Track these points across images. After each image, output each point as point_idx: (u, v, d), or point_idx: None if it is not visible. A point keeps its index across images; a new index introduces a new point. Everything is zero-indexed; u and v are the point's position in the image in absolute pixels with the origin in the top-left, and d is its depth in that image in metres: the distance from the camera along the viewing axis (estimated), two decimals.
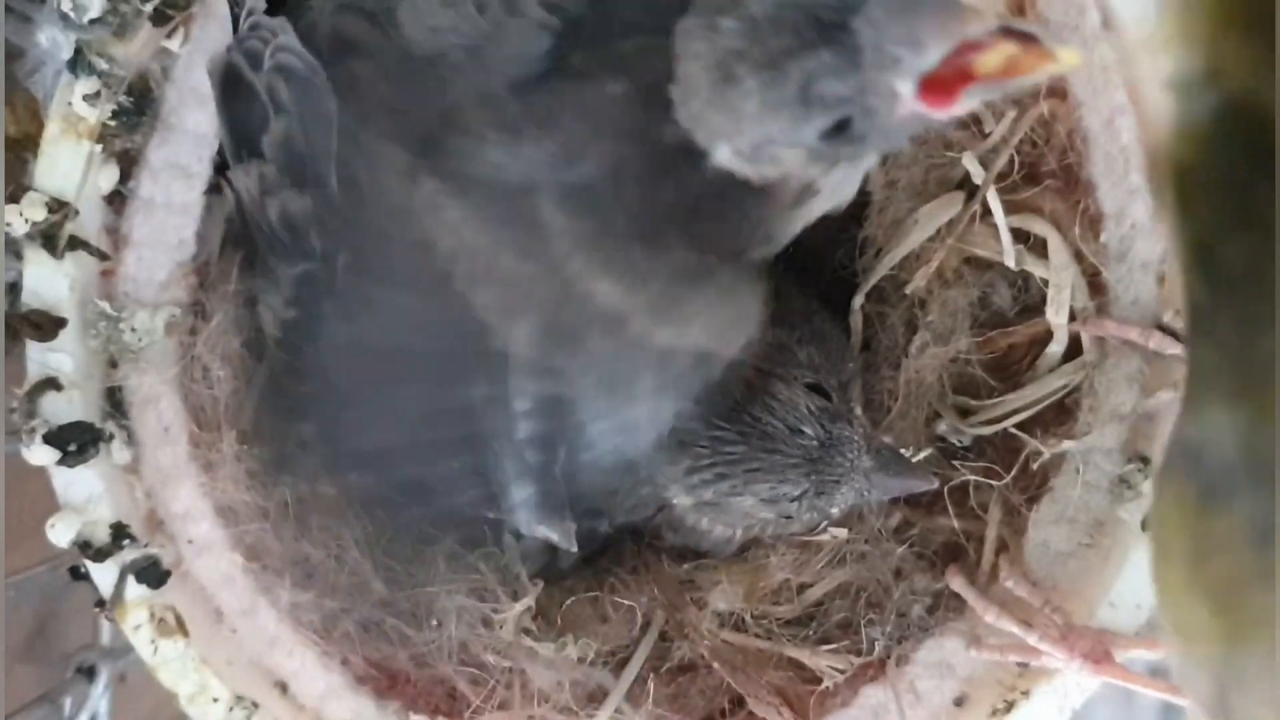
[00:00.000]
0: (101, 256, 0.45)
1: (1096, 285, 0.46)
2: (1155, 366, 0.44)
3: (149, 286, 0.46)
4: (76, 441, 0.44)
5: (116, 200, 0.46)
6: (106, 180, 0.45)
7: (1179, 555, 0.23)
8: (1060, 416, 0.47)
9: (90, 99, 0.43)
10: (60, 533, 0.45)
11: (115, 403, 0.46)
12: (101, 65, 0.43)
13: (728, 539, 0.51)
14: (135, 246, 0.46)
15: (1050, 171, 0.46)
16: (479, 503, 0.44)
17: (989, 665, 0.46)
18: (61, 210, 0.44)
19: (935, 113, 0.31)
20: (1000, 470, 0.47)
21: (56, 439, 0.44)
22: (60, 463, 0.44)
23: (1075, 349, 0.47)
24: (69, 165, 0.44)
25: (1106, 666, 0.42)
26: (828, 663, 0.48)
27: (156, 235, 0.45)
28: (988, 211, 0.47)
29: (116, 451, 0.46)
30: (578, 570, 0.53)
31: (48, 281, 0.44)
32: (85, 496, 0.45)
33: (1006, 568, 0.46)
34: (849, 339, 0.52)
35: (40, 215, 0.44)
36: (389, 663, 0.48)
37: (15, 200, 0.44)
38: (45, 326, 0.44)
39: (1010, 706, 0.45)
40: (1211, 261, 0.21)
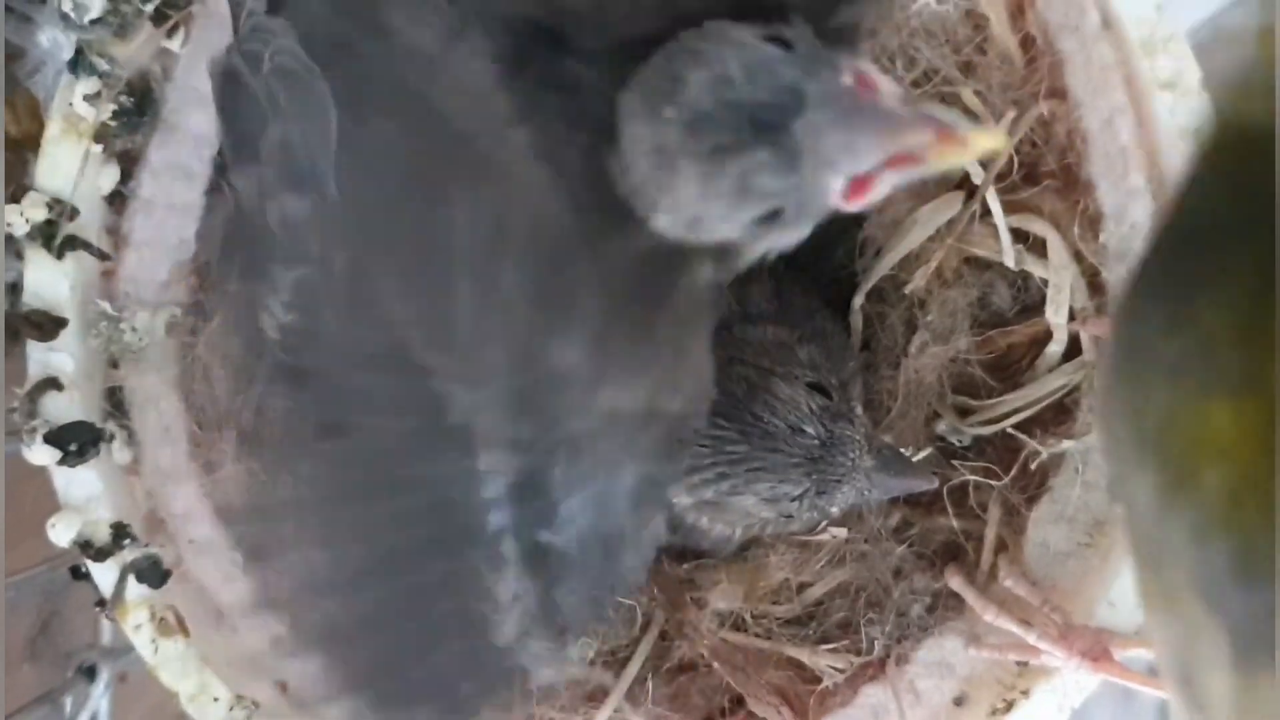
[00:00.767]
0: (102, 257, 0.45)
1: (1096, 285, 0.46)
2: None
3: (150, 287, 0.46)
4: (77, 441, 0.44)
5: (117, 200, 0.46)
6: (107, 180, 0.45)
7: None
8: (1060, 416, 0.47)
9: (91, 99, 0.43)
10: (61, 532, 0.45)
11: (116, 403, 0.46)
12: (102, 65, 0.43)
13: (727, 538, 0.50)
14: (136, 247, 0.46)
15: (1049, 171, 0.46)
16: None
17: (988, 664, 0.46)
18: (62, 210, 0.44)
19: (851, 205, 0.32)
20: (999, 470, 0.47)
21: (57, 439, 0.44)
22: (61, 463, 0.44)
23: (1075, 349, 0.47)
24: (70, 165, 0.44)
25: (1106, 665, 0.42)
26: (827, 662, 0.48)
27: (157, 235, 0.46)
28: (987, 211, 0.47)
29: (117, 451, 0.46)
30: None
31: (48, 281, 0.45)
32: (86, 496, 0.45)
33: (1006, 567, 0.46)
34: (849, 338, 0.52)
35: (41, 215, 0.44)
36: None
37: (16, 200, 0.44)
38: (46, 326, 0.44)
39: (1010, 705, 0.45)
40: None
